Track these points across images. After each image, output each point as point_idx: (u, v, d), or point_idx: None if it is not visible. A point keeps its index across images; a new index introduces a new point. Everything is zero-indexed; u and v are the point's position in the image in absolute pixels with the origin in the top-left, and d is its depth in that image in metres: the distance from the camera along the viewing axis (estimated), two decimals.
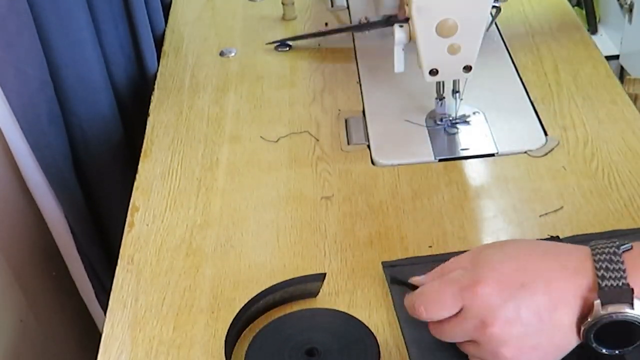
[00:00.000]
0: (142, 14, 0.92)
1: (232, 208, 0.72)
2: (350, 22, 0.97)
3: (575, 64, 0.87)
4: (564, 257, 0.51)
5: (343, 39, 0.94)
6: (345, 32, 0.95)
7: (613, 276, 0.48)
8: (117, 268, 0.67)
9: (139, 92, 0.95)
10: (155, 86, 0.90)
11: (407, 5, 0.69)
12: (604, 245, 0.50)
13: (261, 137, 0.80)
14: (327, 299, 0.62)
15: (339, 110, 0.83)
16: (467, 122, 0.79)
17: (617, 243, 0.50)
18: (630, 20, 1.85)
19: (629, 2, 1.85)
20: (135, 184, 0.76)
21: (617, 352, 0.50)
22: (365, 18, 0.92)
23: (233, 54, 0.94)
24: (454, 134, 0.78)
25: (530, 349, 0.50)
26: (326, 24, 0.99)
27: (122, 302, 0.64)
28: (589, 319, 0.48)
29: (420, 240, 0.66)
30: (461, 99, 0.78)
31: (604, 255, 0.49)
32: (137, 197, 0.74)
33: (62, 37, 0.79)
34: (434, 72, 0.72)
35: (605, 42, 1.98)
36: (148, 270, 0.66)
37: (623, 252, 0.49)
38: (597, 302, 0.48)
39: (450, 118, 0.78)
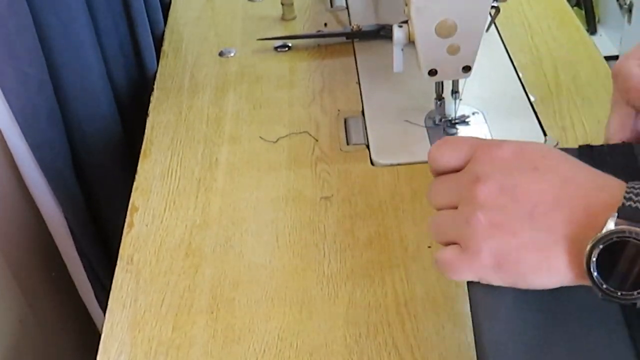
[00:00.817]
0: (141, 14, 0.92)
1: (232, 208, 0.72)
2: (350, 23, 0.97)
3: (575, 64, 0.87)
4: (598, 174, 0.45)
5: (342, 38, 0.94)
6: (337, 37, 0.95)
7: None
8: (117, 268, 0.67)
9: (139, 92, 0.95)
10: (155, 86, 0.90)
11: (407, 5, 0.69)
12: None
13: (260, 137, 0.80)
14: (326, 299, 0.62)
15: (338, 110, 0.83)
16: (466, 123, 0.79)
17: None
18: (629, 21, 1.86)
19: (628, 3, 1.85)
20: (135, 184, 0.76)
21: (619, 294, 0.41)
22: (358, 26, 0.92)
23: (232, 54, 0.94)
24: (454, 134, 0.78)
25: (506, 232, 0.44)
26: (325, 25, 0.99)
27: (122, 303, 0.64)
28: (597, 234, 0.41)
29: (419, 241, 0.66)
30: (460, 99, 0.78)
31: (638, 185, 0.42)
32: (137, 197, 0.74)
33: (62, 37, 0.79)
34: (433, 73, 0.72)
35: (605, 42, 1.99)
36: (147, 270, 0.66)
37: None
38: (614, 214, 0.40)
39: (450, 118, 0.78)
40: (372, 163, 0.76)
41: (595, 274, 0.41)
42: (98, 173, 0.90)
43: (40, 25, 0.76)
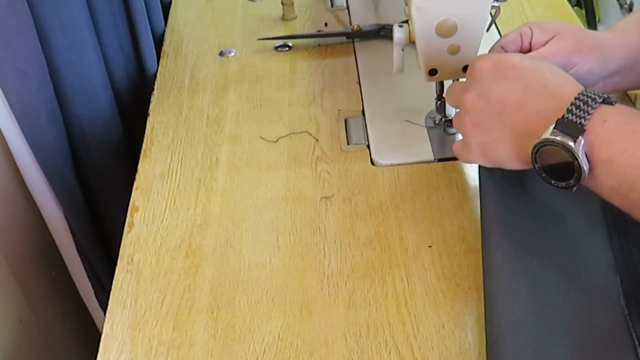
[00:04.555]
0: (141, 14, 0.92)
1: (232, 208, 0.72)
2: (350, 23, 0.97)
3: None
4: (558, 81, 0.57)
5: (342, 38, 0.94)
6: (338, 37, 0.95)
7: (578, 114, 0.53)
8: (117, 268, 0.67)
9: (139, 92, 0.95)
10: (155, 86, 0.90)
11: (407, 5, 0.69)
12: (592, 92, 0.53)
13: (261, 137, 0.80)
14: (327, 298, 0.62)
15: (339, 110, 0.83)
16: None
17: (607, 96, 0.53)
18: None
19: (628, 2, 1.85)
20: (135, 184, 0.76)
21: (552, 182, 0.56)
22: (358, 26, 0.92)
23: (233, 54, 0.94)
24: (454, 133, 0.78)
25: (483, 130, 0.59)
26: (326, 24, 0.99)
27: (122, 302, 0.64)
28: (536, 140, 0.54)
29: (419, 240, 0.66)
30: None
31: (584, 97, 0.53)
32: (137, 197, 0.74)
33: (62, 37, 0.79)
34: (433, 72, 0.72)
35: None
36: (148, 270, 0.66)
37: (604, 103, 0.53)
38: (552, 124, 0.53)
39: (450, 118, 0.78)
40: (372, 163, 0.75)
41: (536, 165, 0.56)
42: (98, 173, 0.90)
43: (40, 25, 0.76)
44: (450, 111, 0.78)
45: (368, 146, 0.77)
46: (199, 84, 0.90)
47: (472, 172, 0.73)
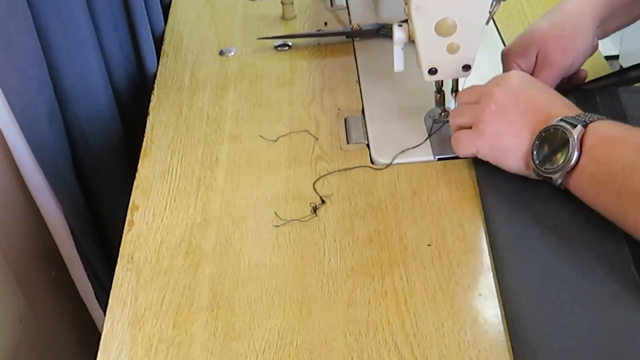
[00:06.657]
0: (141, 13, 0.92)
1: (232, 207, 0.72)
2: (350, 22, 0.97)
3: None
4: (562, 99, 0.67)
5: (342, 38, 0.94)
6: (337, 36, 0.95)
7: (584, 116, 0.61)
8: (117, 267, 0.67)
9: (139, 91, 0.95)
10: (155, 85, 0.90)
11: (407, 4, 0.69)
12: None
13: (260, 136, 0.80)
14: (326, 297, 0.62)
15: (339, 109, 0.83)
16: None
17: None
18: None
19: None
20: (135, 182, 0.76)
21: (543, 168, 0.62)
22: (358, 25, 0.93)
23: (233, 53, 0.94)
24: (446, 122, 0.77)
25: (505, 121, 0.65)
26: (325, 24, 0.99)
27: (122, 301, 0.64)
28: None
29: (419, 239, 0.66)
30: None
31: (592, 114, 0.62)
32: (137, 196, 0.74)
33: (62, 37, 0.79)
34: (433, 72, 0.72)
35: (605, 42, 1.98)
36: (148, 268, 0.66)
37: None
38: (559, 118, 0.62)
39: (449, 111, 0.78)
40: (372, 162, 0.76)
41: (534, 152, 0.63)
42: (98, 173, 0.90)
43: (40, 25, 0.76)
44: (450, 105, 0.79)
45: (368, 145, 0.77)
46: (199, 83, 0.90)
47: (471, 171, 0.74)
